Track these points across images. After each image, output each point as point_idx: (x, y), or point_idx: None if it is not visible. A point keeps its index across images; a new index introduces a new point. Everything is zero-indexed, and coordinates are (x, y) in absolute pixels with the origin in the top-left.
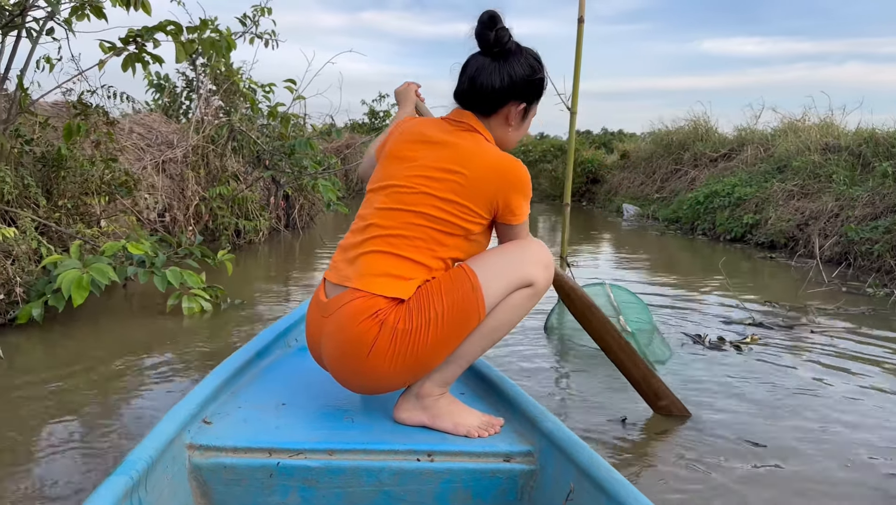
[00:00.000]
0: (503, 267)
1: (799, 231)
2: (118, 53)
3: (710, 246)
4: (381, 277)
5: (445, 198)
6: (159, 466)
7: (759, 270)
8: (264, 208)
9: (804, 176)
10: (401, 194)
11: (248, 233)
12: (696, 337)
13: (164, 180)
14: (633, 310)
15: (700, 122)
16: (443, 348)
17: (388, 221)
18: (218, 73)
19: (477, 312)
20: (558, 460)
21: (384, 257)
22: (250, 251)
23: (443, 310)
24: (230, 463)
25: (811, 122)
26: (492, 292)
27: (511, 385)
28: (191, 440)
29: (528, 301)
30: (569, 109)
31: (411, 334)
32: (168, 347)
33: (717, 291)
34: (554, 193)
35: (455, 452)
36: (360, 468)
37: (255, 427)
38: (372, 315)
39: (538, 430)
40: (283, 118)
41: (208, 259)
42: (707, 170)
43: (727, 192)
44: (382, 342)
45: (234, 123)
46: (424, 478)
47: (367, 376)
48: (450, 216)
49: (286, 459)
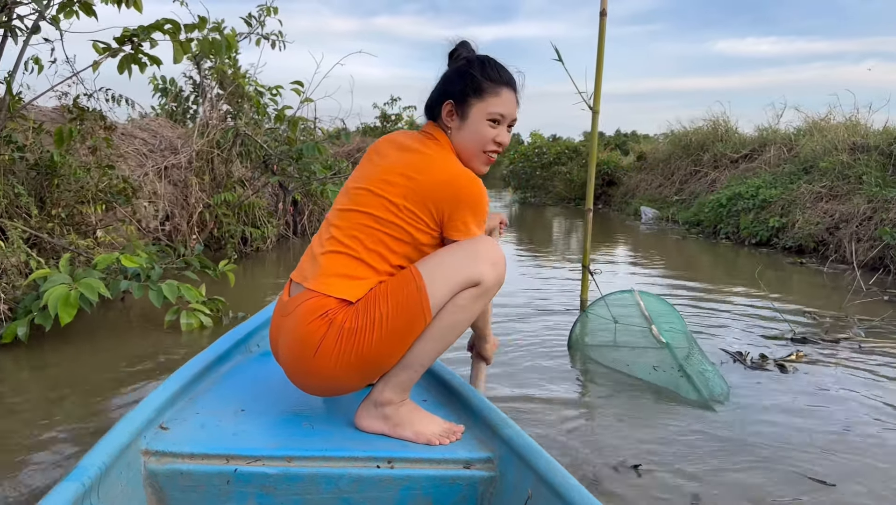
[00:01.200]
0: (449, 267)
1: (829, 235)
2: (114, 55)
3: (734, 250)
4: (333, 277)
5: (395, 202)
6: (113, 472)
7: (790, 276)
8: (272, 215)
9: (832, 177)
10: (360, 196)
11: (255, 240)
12: (736, 355)
13: (167, 187)
14: (664, 320)
15: (719, 121)
16: (390, 349)
17: (344, 222)
18: (223, 75)
19: (422, 314)
20: (517, 467)
21: (339, 258)
22: (257, 259)
23: (388, 310)
24: (187, 469)
25: (836, 122)
26: (437, 293)
27: (472, 392)
28: (146, 446)
29: (476, 301)
30: (590, 108)
31: (356, 334)
32: (163, 367)
33: (749, 299)
34: (569, 196)
35: (415, 458)
36: (319, 475)
37: (212, 433)
38: (321, 315)
39: (498, 436)
40: (291, 122)
41: (208, 270)
42: (728, 171)
43: (751, 194)
44: (329, 341)
45: (239, 127)
46: (384, 485)
47: (316, 376)
48: (399, 220)
49: (244, 466)
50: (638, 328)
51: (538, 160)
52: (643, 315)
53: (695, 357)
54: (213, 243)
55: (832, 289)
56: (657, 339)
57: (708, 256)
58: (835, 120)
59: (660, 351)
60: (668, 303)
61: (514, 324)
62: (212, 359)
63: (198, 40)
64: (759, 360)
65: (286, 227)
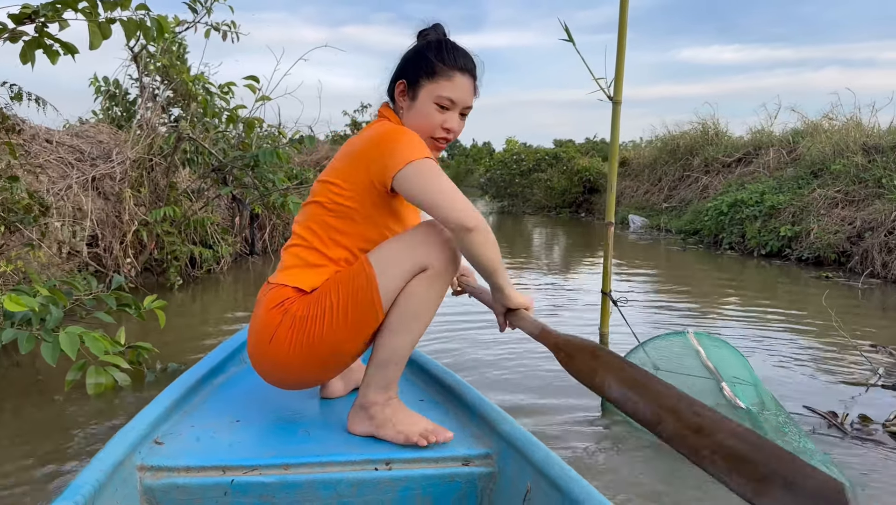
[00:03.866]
0: (396, 254)
1: (851, 245)
2: (13, 39)
3: (740, 262)
4: (291, 269)
5: (335, 182)
6: (108, 489)
7: (818, 293)
8: (227, 231)
9: (847, 181)
10: (314, 188)
11: (206, 262)
12: (829, 416)
13: (97, 202)
14: (727, 367)
15: (709, 124)
16: (342, 337)
17: (301, 216)
18: (164, 70)
19: (372, 304)
20: (516, 461)
21: (296, 250)
22: (209, 283)
23: (338, 299)
24: (183, 483)
25: (837, 123)
26: (387, 282)
27: (469, 389)
28: (142, 461)
29: (430, 286)
30: (610, 99)
31: (307, 322)
32: (53, 455)
33: (790, 323)
34: (549, 205)
35: (413, 458)
36: (317, 481)
37: (208, 445)
38: (278, 304)
39: (496, 432)
40: (246, 123)
41: (128, 309)
42: (721, 176)
43: (755, 200)
44: (283, 329)
45: (183, 130)
46: (383, 487)
47: (273, 363)
48: (342, 199)
49: (240, 476)
50: (699, 380)
51: (517, 167)
52: (705, 366)
53: (788, 429)
54: (155, 267)
55: (879, 309)
56: (732, 402)
57: (716, 269)
58: (836, 121)
59: (740, 418)
60: (729, 344)
61: (518, 372)
62: (205, 371)
63: (122, 21)
64: (860, 423)
65: (244, 244)
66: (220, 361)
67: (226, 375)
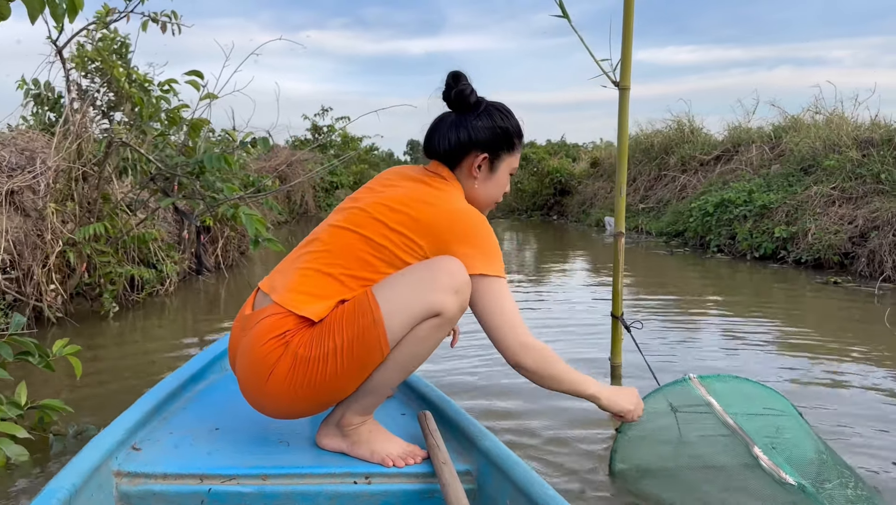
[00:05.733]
0: (407, 296)
1: (853, 245)
2: None
3: (731, 266)
4: (303, 294)
5: (394, 228)
6: (83, 494)
7: (831, 303)
8: (173, 248)
9: (842, 177)
10: (356, 216)
11: (148, 283)
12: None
13: (15, 218)
14: (760, 422)
15: (683, 122)
16: (344, 382)
17: (333, 239)
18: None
19: (379, 347)
20: (495, 479)
21: (316, 275)
22: (153, 308)
23: (342, 342)
24: (160, 490)
25: (821, 118)
26: (395, 325)
27: (451, 404)
28: (118, 467)
29: (437, 332)
30: (615, 85)
31: (310, 364)
32: None
33: (819, 341)
34: (520, 208)
35: (393, 473)
36: (295, 493)
37: (186, 453)
38: (279, 335)
39: (476, 448)
40: (190, 125)
41: (30, 359)
42: (699, 175)
43: (743, 199)
44: (282, 367)
45: (117, 134)
46: (362, 501)
47: (268, 400)
48: (393, 246)
49: (218, 485)
50: (725, 440)
51: None
52: (724, 424)
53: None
54: (88, 292)
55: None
56: (775, 475)
57: (711, 275)
58: (821, 115)
59: (792, 494)
60: (748, 380)
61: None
62: (185, 378)
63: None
64: None
65: (193, 262)
66: (200, 367)
67: (206, 382)
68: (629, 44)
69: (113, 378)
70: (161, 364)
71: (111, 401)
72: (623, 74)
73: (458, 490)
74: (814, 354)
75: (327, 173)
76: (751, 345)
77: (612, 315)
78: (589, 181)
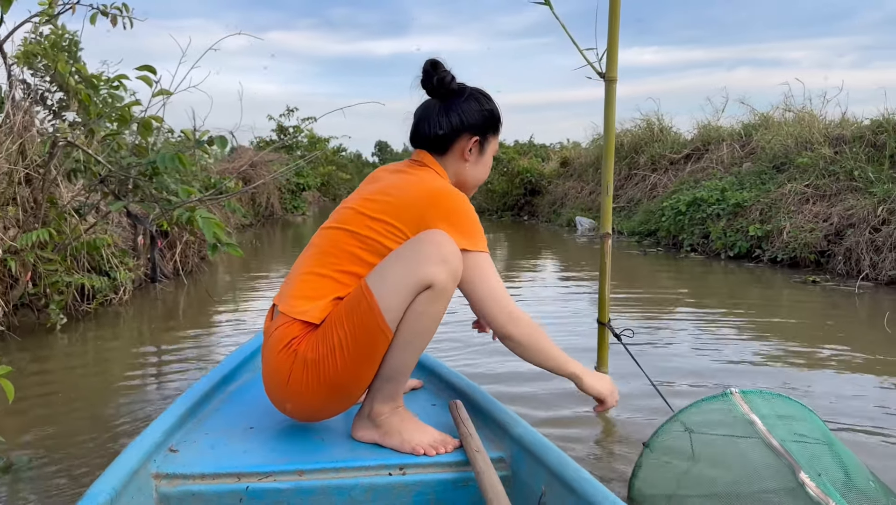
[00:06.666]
0: (396, 275)
1: (829, 244)
2: None
3: (706, 265)
4: (301, 299)
5: (375, 217)
6: (124, 497)
7: (812, 302)
8: (127, 254)
9: (815, 174)
10: (344, 214)
11: (100, 292)
12: None
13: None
14: (809, 451)
15: (653, 121)
16: (358, 370)
17: (324, 241)
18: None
19: (380, 330)
20: (529, 464)
21: (311, 278)
22: (105, 319)
23: (345, 334)
24: (198, 490)
25: (791, 115)
26: (390, 305)
27: (482, 393)
28: (157, 469)
29: (435, 302)
30: (601, 76)
31: (319, 363)
32: None
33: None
34: (490, 208)
35: (427, 463)
36: (331, 487)
37: (222, 452)
38: (286, 345)
39: (509, 435)
40: (143, 124)
41: None
42: (670, 173)
43: (716, 198)
44: (297, 373)
45: (62, 133)
46: (397, 492)
47: (293, 405)
48: (376, 234)
49: (255, 483)
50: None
51: None
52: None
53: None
54: (34, 303)
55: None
56: None
57: (685, 276)
58: (791, 112)
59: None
60: (791, 399)
61: None
62: (218, 379)
63: None
64: None
65: (149, 269)
66: (232, 368)
67: (239, 382)
68: (615, 33)
69: (65, 398)
70: (114, 378)
71: (57, 422)
72: (609, 65)
73: (492, 477)
74: (803, 359)
75: (293, 175)
76: (727, 344)
77: (598, 322)
78: (559, 181)
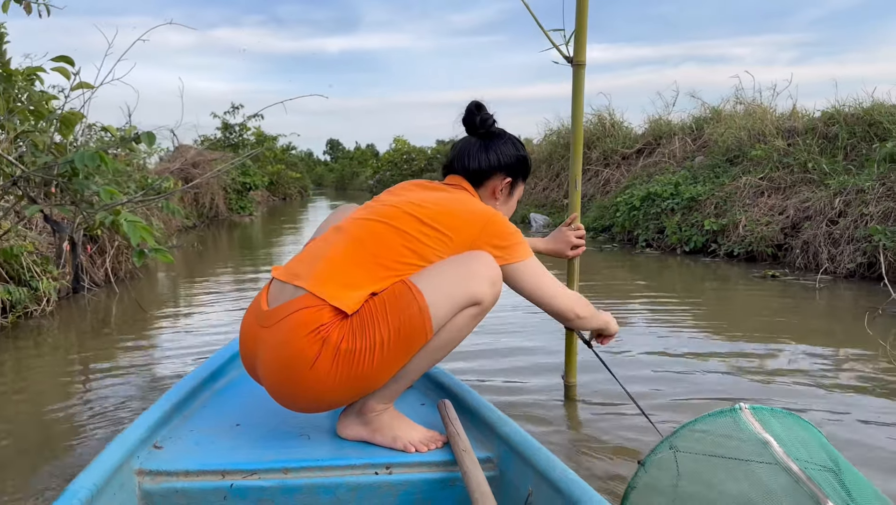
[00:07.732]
0: (450, 285)
1: (786, 237)
2: None
3: (661, 261)
4: (333, 284)
5: (427, 223)
6: (106, 493)
7: (773, 298)
8: (50, 261)
9: (769, 167)
10: (387, 211)
11: (18, 304)
12: None
13: None
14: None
15: (604, 116)
16: (389, 370)
17: (360, 231)
18: None
19: (424, 334)
20: (517, 465)
21: (346, 264)
22: (26, 332)
23: (389, 333)
24: (182, 487)
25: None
26: (440, 313)
27: (470, 392)
28: (140, 466)
29: (474, 320)
30: (568, 61)
31: (355, 356)
32: None
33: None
34: None
35: (413, 463)
36: (316, 485)
37: (207, 449)
38: (314, 330)
39: (497, 435)
40: (62, 120)
41: None
42: (622, 168)
43: (670, 192)
44: (324, 361)
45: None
46: (383, 491)
47: (306, 394)
48: (426, 238)
49: (240, 480)
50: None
51: (408, 167)
52: (786, 470)
53: None
54: None
55: (856, 313)
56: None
57: (641, 272)
58: (740, 105)
59: None
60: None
61: None
62: (205, 376)
63: None
64: None
65: (74, 277)
66: (219, 365)
67: (225, 379)
68: (584, 15)
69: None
70: (37, 396)
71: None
72: (578, 49)
73: (479, 477)
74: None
75: (240, 174)
76: (690, 346)
77: (566, 328)
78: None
